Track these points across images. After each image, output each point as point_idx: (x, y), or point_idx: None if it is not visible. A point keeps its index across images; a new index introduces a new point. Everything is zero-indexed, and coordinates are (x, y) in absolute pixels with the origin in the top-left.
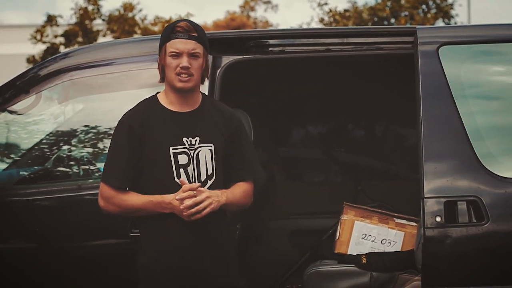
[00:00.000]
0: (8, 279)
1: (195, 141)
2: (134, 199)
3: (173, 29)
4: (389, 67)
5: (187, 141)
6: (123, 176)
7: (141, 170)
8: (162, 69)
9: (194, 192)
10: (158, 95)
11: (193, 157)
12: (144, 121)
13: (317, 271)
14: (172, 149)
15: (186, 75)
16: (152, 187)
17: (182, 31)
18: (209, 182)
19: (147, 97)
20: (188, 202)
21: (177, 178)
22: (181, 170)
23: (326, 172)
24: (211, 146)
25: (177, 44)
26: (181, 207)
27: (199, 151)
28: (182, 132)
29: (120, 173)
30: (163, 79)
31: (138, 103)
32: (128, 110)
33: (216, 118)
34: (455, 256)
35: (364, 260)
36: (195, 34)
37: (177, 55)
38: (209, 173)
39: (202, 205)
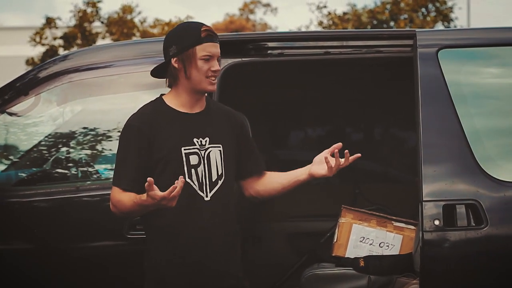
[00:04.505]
0: (6, 280)
1: (205, 141)
2: (126, 199)
3: (200, 32)
4: (388, 70)
5: (197, 142)
6: (132, 178)
7: (151, 172)
8: (177, 72)
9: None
10: (164, 97)
11: (203, 157)
12: (153, 122)
13: (315, 274)
14: (184, 149)
15: (214, 78)
16: (162, 189)
17: (213, 35)
18: (220, 182)
19: (151, 99)
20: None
21: (189, 178)
22: (193, 170)
23: None
24: (220, 147)
25: (210, 48)
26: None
27: (209, 151)
28: (193, 132)
29: (129, 176)
30: (172, 83)
31: (144, 106)
32: (135, 112)
33: (222, 119)
34: (453, 259)
35: (362, 263)
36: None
37: (209, 58)
38: (219, 173)
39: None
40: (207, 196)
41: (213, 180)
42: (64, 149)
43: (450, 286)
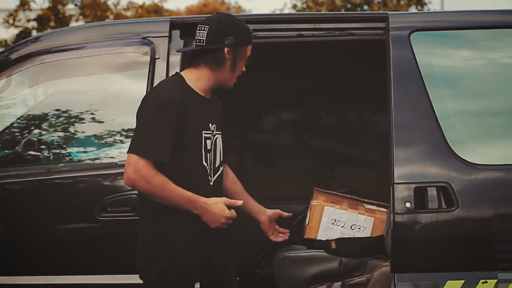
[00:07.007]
0: None
1: (214, 127)
2: (172, 187)
3: (252, 34)
4: (361, 53)
5: (211, 127)
6: (166, 152)
7: (173, 152)
8: (225, 61)
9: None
10: (186, 79)
11: (213, 142)
12: (185, 103)
13: (287, 256)
14: (204, 133)
15: None
16: (178, 169)
17: None
18: (221, 169)
19: (172, 77)
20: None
21: (205, 161)
22: (208, 154)
23: (297, 157)
24: (220, 134)
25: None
26: (228, 217)
27: (216, 138)
28: (208, 118)
29: (164, 149)
30: (211, 67)
31: (170, 83)
32: (167, 88)
33: (218, 106)
34: (424, 241)
35: (333, 246)
36: None
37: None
38: (221, 160)
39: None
40: (211, 181)
41: (216, 166)
42: (36, 131)
43: (420, 268)
